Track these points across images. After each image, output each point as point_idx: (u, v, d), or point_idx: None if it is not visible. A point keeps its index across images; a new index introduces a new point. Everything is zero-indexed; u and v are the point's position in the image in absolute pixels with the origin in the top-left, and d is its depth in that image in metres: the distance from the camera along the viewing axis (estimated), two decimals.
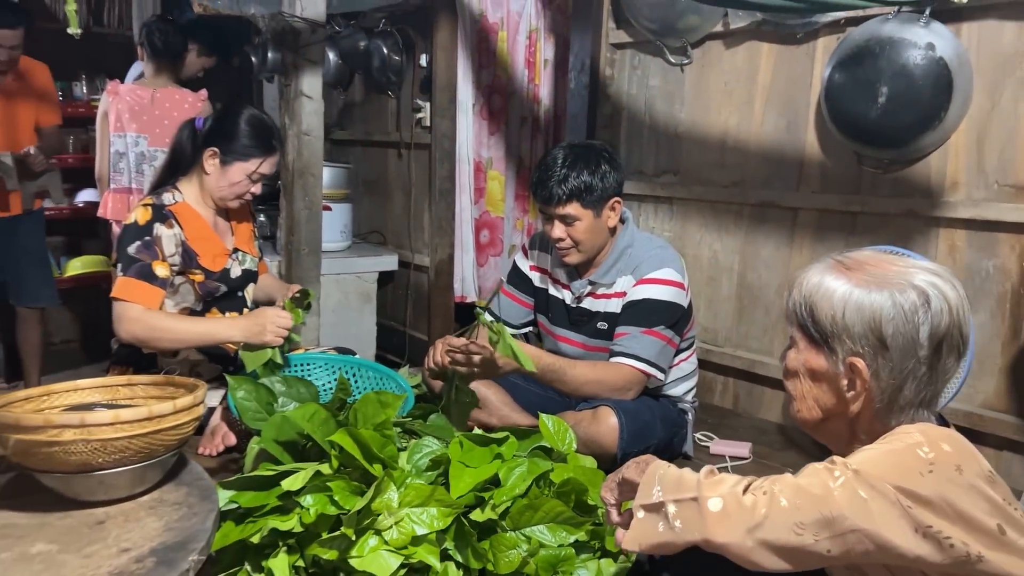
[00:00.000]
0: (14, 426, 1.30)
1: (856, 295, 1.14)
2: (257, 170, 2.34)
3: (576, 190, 2.22)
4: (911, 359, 1.13)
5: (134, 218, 2.23)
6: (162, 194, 2.30)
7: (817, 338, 1.18)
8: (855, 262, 1.19)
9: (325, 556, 1.48)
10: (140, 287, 2.15)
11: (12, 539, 1.29)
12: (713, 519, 1.06)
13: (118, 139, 3.44)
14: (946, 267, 1.20)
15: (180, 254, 2.26)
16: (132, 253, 2.18)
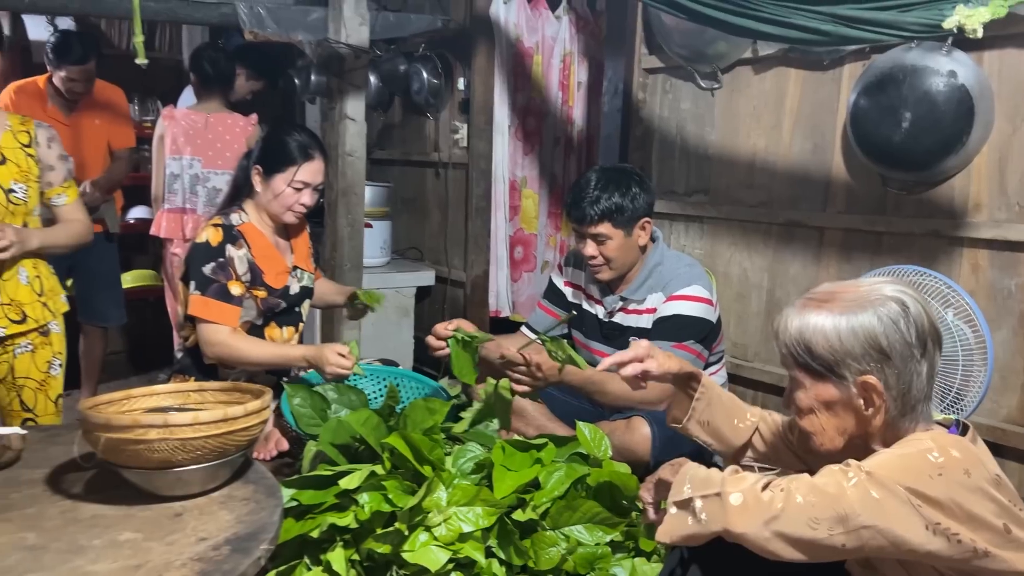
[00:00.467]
0: (105, 425, 1.44)
1: (844, 322, 1.26)
2: (295, 178, 2.40)
3: (608, 211, 2.34)
4: (911, 361, 1.25)
5: (205, 238, 2.34)
6: (230, 215, 2.43)
7: (822, 371, 1.29)
8: (825, 295, 1.31)
9: (380, 550, 1.60)
10: (220, 307, 2.29)
11: (101, 528, 1.43)
12: (733, 512, 1.18)
13: (173, 161, 3.60)
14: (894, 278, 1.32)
15: (249, 273, 2.38)
16: (207, 273, 2.30)
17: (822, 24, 1.99)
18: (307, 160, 2.42)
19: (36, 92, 3.56)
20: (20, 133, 2.20)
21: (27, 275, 2.23)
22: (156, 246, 5.12)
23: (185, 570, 1.29)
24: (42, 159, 2.22)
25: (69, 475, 1.63)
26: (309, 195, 2.45)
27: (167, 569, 1.29)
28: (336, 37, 3.64)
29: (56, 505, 1.51)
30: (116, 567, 1.29)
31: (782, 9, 2.02)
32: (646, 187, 2.42)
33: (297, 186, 2.41)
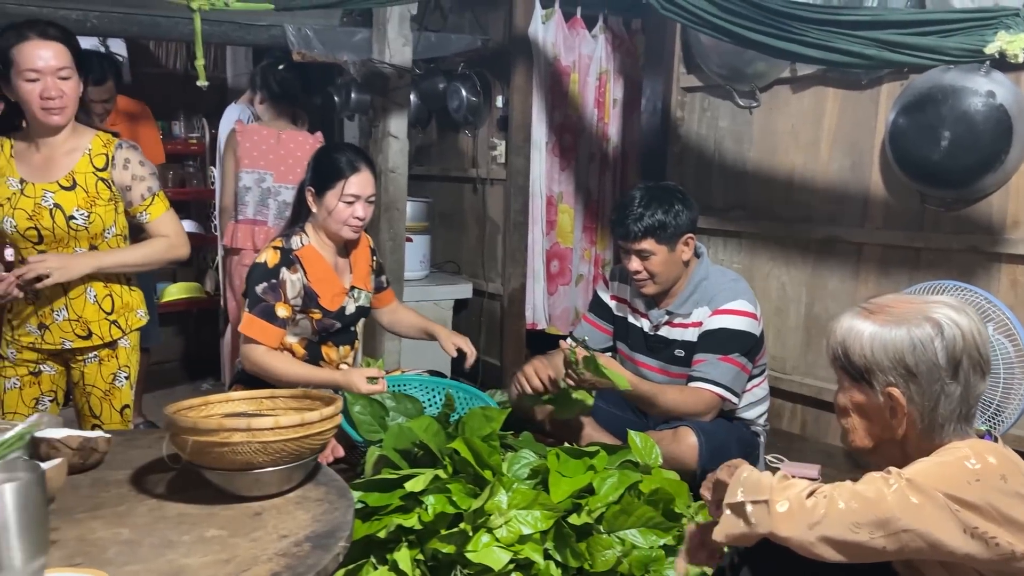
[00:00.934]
0: (192, 429, 1.53)
1: (880, 334, 1.34)
2: (345, 191, 2.44)
3: (651, 227, 2.41)
4: (937, 381, 1.32)
5: (264, 259, 2.43)
6: (291, 237, 2.49)
7: (856, 376, 1.37)
8: (878, 306, 1.38)
9: (444, 550, 1.68)
10: (262, 326, 2.38)
11: (188, 525, 1.52)
12: (779, 518, 1.26)
13: (246, 175, 3.67)
14: (963, 301, 1.38)
15: (302, 296, 2.45)
16: (259, 293, 2.39)
17: (865, 48, 2.06)
18: (354, 172, 2.46)
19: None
20: (97, 157, 2.26)
21: (96, 294, 2.31)
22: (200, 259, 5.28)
23: (272, 564, 1.37)
24: (116, 181, 2.28)
25: (152, 476, 1.72)
26: (362, 207, 2.48)
27: (255, 563, 1.37)
28: (380, 57, 3.77)
29: (143, 503, 1.61)
30: (207, 561, 1.38)
31: (825, 33, 2.10)
32: (689, 204, 2.49)
33: (348, 200, 2.45)
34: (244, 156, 3.67)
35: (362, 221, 2.50)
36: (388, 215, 3.91)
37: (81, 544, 1.42)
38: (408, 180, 4.00)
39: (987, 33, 1.91)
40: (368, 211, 2.51)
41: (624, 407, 2.59)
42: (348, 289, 2.58)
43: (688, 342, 2.51)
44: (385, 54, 3.76)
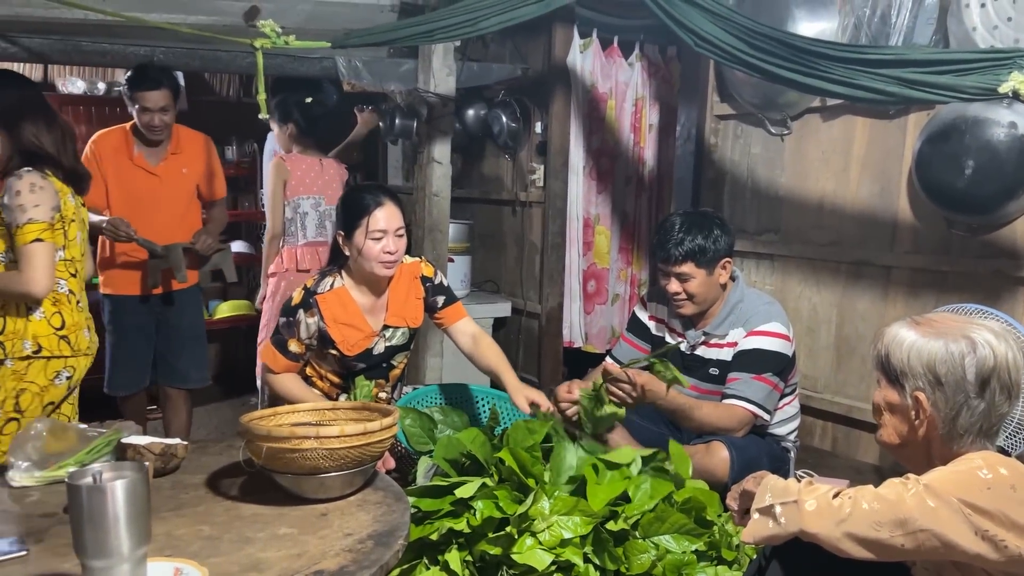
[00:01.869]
0: (266, 436, 1.70)
1: (919, 343, 1.47)
2: (371, 227, 2.41)
3: (691, 252, 2.54)
4: (961, 393, 1.44)
5: (293, 295, 2.52)
6: (323, 279, 2.52)
7: (892, 377, 1.50)
8: (926, 319, 1.51)
9: (492, 552, 1.82)
10: (274, 354, 2.51)
11: (261, 524, 1.68)
12: (808, 516, 1.39)
13: (304, 200, 3.92)
14: (1006, 328, 1.49)
15: (317, 338, 2.50)
16: (279, 326, 2.51)
17: (887, 86, 2.18)
18: (378, 207, 2.42)
19: (121, 140, 3.41)
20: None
21: None
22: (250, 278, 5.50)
23: (339, 559, 1.52)
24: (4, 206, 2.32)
25: (225, 479, 1.89)
26: (392, 241, 2.42)
27: (324, 558, 1.53)
28: (425, 87, 3.95)
29: (220, 504, 1.77)
30: (281, 555, 1.54)
31: (850, 71, 2.22)
32: (726, 230, 2.62)
33: (375, 236, 2.41)
34: (298, 184, 3.89)
35: (393, 255, 2.44)
36: (431, 236, 4.07)
37: (168, 539, 1.59)
38: (451, 203, 4.18)
39: (1002, 72, 2.02)
40: (400, 244, 2.46)
41: (659, 422, 2.71)
42: (380, 330, 2.57)
43: (723, 361, 2.63)
44: (430, 84, 3.94)
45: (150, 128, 3.33)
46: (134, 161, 3.39)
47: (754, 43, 2.40)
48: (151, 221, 3.36)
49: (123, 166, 3.38)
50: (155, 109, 3.28)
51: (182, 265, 3.37)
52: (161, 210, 3.42)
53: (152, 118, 3.29)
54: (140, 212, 3.35)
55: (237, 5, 3.63)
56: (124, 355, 3.45)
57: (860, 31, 2.84)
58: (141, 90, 3.27)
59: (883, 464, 2.99)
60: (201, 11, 3.58)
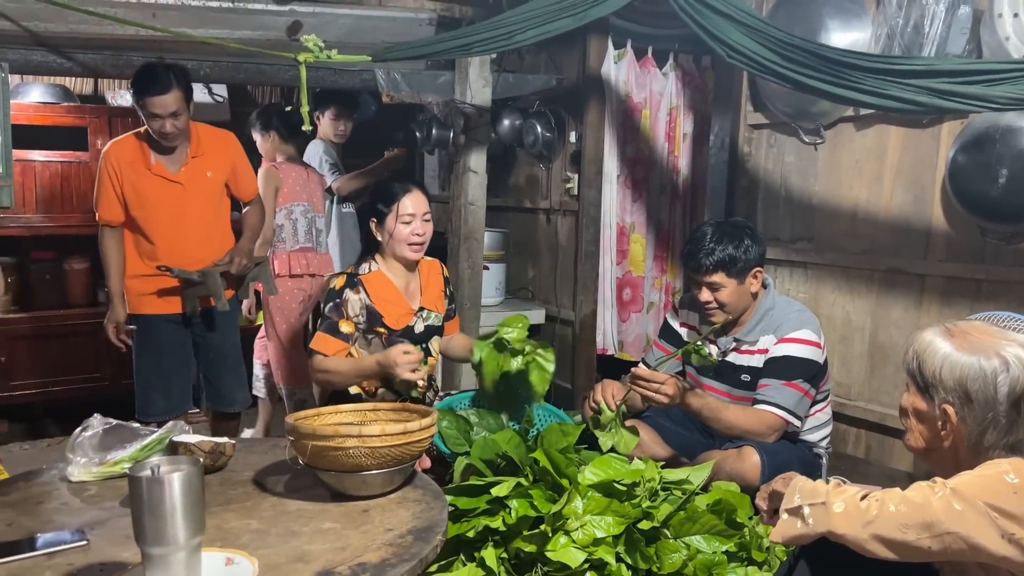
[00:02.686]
0: (312, 435, 1.77)
1: (953, 357, 1.48)
2: (400, 212, 2.67)
3: (721, 261, 2.58)
4: (990, 411, 1.46)
5: (332, 284, 2.70)
6: (360, 264, 2.77)
7: (922, 386, 1.52)
8: (960, 330, 1.52)
9: (526, 549, 1.88)
10: (326, 340, 2.62)
11: (306, 519, 1.75)
12: (836, 517, 1.42)
13: (296, 207, 4.04)
14: None
15: (365, 315, 2.68)
16: (326, 312, 2.66)
17: (917, 96, 2.21)
18: (406, 193, 2.70)
19: (136, 149, 3.10)
20: None
21: None
22: None
23: (381, 552, 1.59)
24: None
25: (271, 477, 1.97)
26: (419, 224, 2.70)
27: (366, 551, 1.59)
28: (462, 98, 4.03)
29: (266, 500, 1.85)
30: (326, 548, 1.61)
31: (880, 82, 2.25)
32: (757, 239, 2.65)
33: (405, 220, 2.68)
34: (290, 191, 4.02)
35: (421, 238, 2.71)
36: (467, 244, 4.15)
37: (219, 532, 1.67)
38: (487, 211, 4.25)
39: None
40: (427, 228, 2.72)
41: (692, 427, 2.75)
42: (416, 310, 2.79)
43: (754, 368, 2.66)
44: (467, 95, 4.02)
45: (162, 135, 3.02)
46: (152, 171, 3.09)
47: (786, 54, 2.44)
48: (179, 234, 3.13)
49: (141, 177, 3.08)
50: (165, 115, 2.96)
51: (222, 293, 3.12)
52: (188, 220, 3.15)
53: (163, 124, 2.97)
54: (165, 225, 3.12)
55: (281, 20, 3.76)
56: (157, 379, 3.19)
57: (893, 41, 2.86)
58: (149, 95, 2.94)
59: (917, 472, 2.99)
60: (246, 26, 3.69)
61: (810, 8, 3.17)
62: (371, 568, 1.52)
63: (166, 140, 3.04)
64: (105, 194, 3.08)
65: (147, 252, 3.14)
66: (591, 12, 2.96)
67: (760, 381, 2.59)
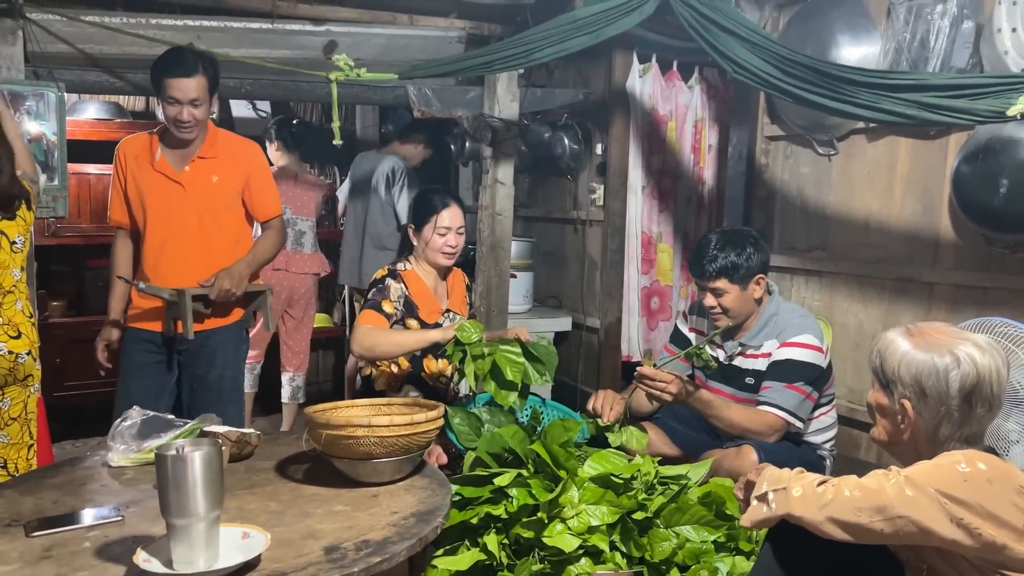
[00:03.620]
0: (325, 424, 1.93)
1: (910, 355, 1.59)
2: (438, 224, 2.91)
3: (724, 268, 2.69)
4: (943, 405, 1.57)
5: (376, 275, 2.94)
6: (398, 263, 3.00)
7: (884, 382, 1.63)
8: (919, 330, 1.63)
9: (525, 535, 2.01)
10: (371, 314, 2.81)
11: (320, 502, 1.91)
12: (794, 500, 1.54)
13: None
14: (992, 341, 1.60)
15: (403, 304, 2.89)
16: (370, 296, 2.89)
17: (907, 109, 2.30)
18: (445, 208, 2.94)
19: (144, 144, 2.87)
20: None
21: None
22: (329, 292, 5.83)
23: (384, 531, 1.74)
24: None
25: (292, 465, 2.14)
26: (453, 237, 2.94)
27: (371, 530, 1.74)
28: (490, 112, 4.19)
29: (286, 485, 2.01)
30: (336, 527, 1.76)
31: (872, 96, 2.35)
32: (760, 247, 2.75)
33: (441, 232, 2.92)
34: None
35: (454, 249, 2.95)
36: (494, 253, 4.30)
37: (240, 512, 1.83)
38: (514, 221, 4.40)
39: (1013, 96, 2.12)
40: (459, 240, 2.96)
41: (699, 428, 2.85)
42: (445, 310, 3.01)
43: (758, 371, 2.75)
44: (495, 109, 4.18)
45: (178, 124, 2.73)
46: (156, 166, 2.83)
47: (787, 70, 2.54)
48: (167, 241, 2.83)
49: (144, 173, 2.84)
50: (185, 100, 2.70)
51: (189, 319, 2.72)
52: (180, 227, 2.83)
53: (181, 111, 2.70)
54: (154, 229, 2.83)
55: (317, 40, 3.97)
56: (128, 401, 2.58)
57: (901, 55, 2.94)
58: (172, 76, 2.69)
59: None
60: (284, 46, 3.91)
61: (822, 24, 3.26)
62: (374, 544, 1.67)
63: (181, 130, 2.75)
64: (114, 192, 2.92)
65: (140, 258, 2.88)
66: (606, 30, 3.09)
67: (762, 383, 2.69)
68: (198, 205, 2.85)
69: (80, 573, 1.53)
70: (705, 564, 2.00)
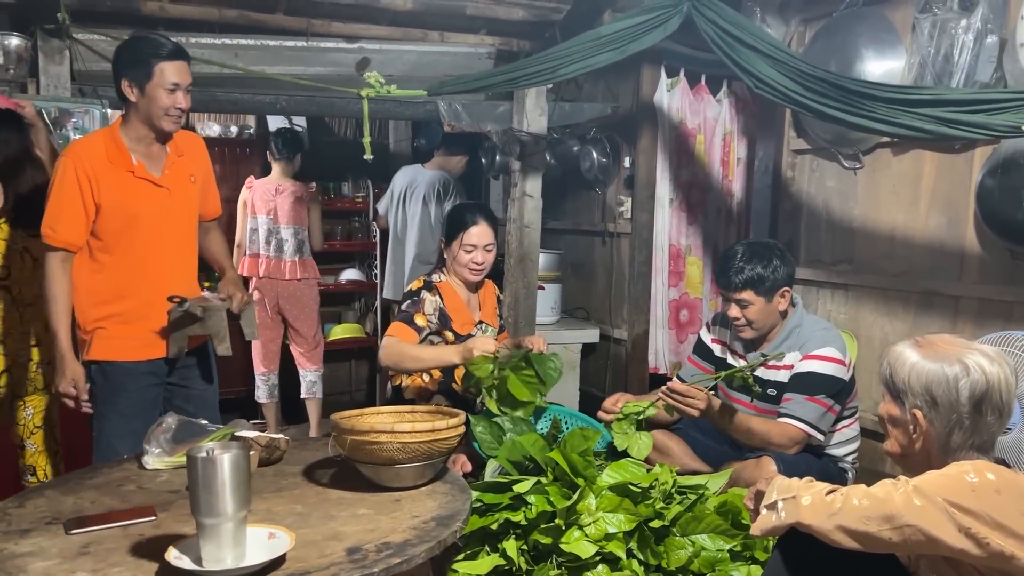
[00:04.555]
0: (350, 431, 2.00)
1: (920, 365, 1.61)
2: (464, 241, 2.94)
3: (750, 280, 2.71)
4: (954, 413, 1.59)
5: (411, 286, 3.00)
6: (433, 274, 3.06)
7: (895, 393, 1.65)
8: (928, 342, 1.66)
9: (543, 541, 2.05)
10: (401, 327, 2.87)
11: (344, 505, 1.97)
12: (804, 509, 1.57)
13: (252, 219, 4.64)
14: (1000, 351, 1.62)
15: (437, 316, 2.95)
16: (404, 307, 2.95)
17: (925, 124, 2.32)
18: (472, 225, 2.96)
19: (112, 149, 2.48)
20: None
21: None
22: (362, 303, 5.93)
23: (405, 534, 1.79)
24: None
25: (319, 470, 2.20)
26: (480, 254, 2.96)
27: (392, 532, 1.80)
28: (519, 127, 4.26)
29: (312, 489, 2.08)
30: (358, 529, 1.82)
31: (891, 111, 2.37)
32: (786, 260, 2.77)
33: (468, 249, 2.95)
34: (256, 205, 4.63)
35: (480, 266, 2.98)
36: (522, 265, 4.36)
37: (268, 514, 1.90)
38: (542, 233, 4.46)
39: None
40: (487, 257, 2.98)
41: (720, 439, 2.88)
42: (477, 322, 3.06)
43: (780, 383, 2.77)
44: (523, 123, 4.25)
45: (177, 114, 2.48)
46: (136, 173, 2.50)
47: (807, 85, 2.57)
48: (159, 254, 2.56)
49: (123, 183, 2.48)
50: (184, 85, 2.46)
51: (226, 334, 2.55)
52: (171, 237, 2.60)
53: (177, 99, 2.45)
54: (144, 242, 2.53)
55: (350, 57, 4.08)
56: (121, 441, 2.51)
57: (925, 70, 2.95)
58: (170, 59, 2.43)
59: None
60: (318, 63, 4.03)
61: (847, 38, 3.28)
62: (394, 546, 1.73)
63: (172, 123, 2.49)
64: (69, 207, 2.42)
65: (120, 280, 2.53)
66: (631, 46, 3.15)
67: (784, 395, 2.70)
68: (183, 210, 2.63)
69: (115, 569, 1.61)
70: (720, 572, 2.03)
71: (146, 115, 2.48)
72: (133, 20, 3.67)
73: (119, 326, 2.52)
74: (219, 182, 3.53)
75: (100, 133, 2.58)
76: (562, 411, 2.99)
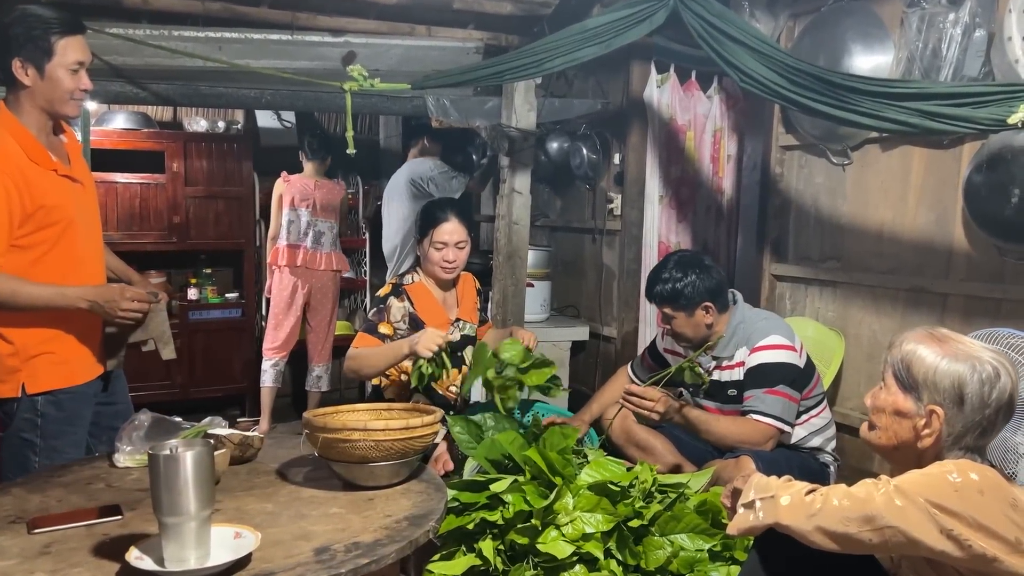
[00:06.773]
0: (323, 428, 1.96)
1: (946, 362, 1.56)
2: (434, 238, 2.87)
3: (665, 295, 2.74)
4: (978, 415, 1.55)
5: (380, 291, 2.94)
6: (405, 275, 3.00)
7: (909, 386, 1.59)
8: (942, 336, 1.61)
9: (520, 541, 2.02)
10: (364, 338, 2.82)
11: (316, 504, 1.93)
12: (783, 509, 1.52)
13: (291, 211, 4.85)
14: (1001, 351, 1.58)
15: (407, 322, 2.87)
16: (369, 316, 2.90)
17: (910, 117, 2.29)
18: (444, 221, 2.88)
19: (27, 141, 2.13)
20: None
21: None
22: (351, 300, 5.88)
23: (376, 534, 1.76)
24: None
25: (293, 468, 2.17)
26: (452, 252, 2.88)
27: (363, 532, 1.77)
28: (508, 122, 4.21)
29: (285, 488, 2.05)
30: (328, 528, 1.79)
31: (877, 104, 2.34)
32: (708, 274, 2.73)
33: (437, 246, 2.88)
34: (296, 198, 4.83)
35: (451, 263, 2.90)
36: (511, 262, 4.32)
37: (237, 512, 1.87)
38: (533, 230, 4.42)
39: (1014, 104, 2.10)
40: (459, 255, 2.90)
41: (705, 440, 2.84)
42: (453, 320, 3.01)
43: (737, 381, 2.75)
44: (512, 119, 4.21)
45: (77, 99, 2.21)
46: (60, 171, 2.20)
47: (793, 79, 2.54)
48: (96, 254, 2.34)
49: (47, 180, 2.16)
50: (87, 63, 2.19)
51: (170, 336, 2.36)
52: (96, 234, 2.37)
53: (82, 79, 2.18)
54: (73, 241, 2.22)
55: (336, 51, 4.03)
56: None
57: (913, 64, 2.92)
58: (71, 33, 2.15)
59: None
60: (304, 57, 3.98)
61: (835, 33, 3.25)
62: (364, 546, 1.69)
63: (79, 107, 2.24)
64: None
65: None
66: (616, 40, 3.11)
67: (744, 393, 2.68)
68: (94, 204, 2.39)
69: (75, 569, 1.57)
70: (699, 573, 2.00)
71: (46, 100, 2.15)
72: (115, 13, 3.63)
73: (71, 347, 2.24)
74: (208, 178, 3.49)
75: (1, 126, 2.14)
76: (549, 409, 2.96)
